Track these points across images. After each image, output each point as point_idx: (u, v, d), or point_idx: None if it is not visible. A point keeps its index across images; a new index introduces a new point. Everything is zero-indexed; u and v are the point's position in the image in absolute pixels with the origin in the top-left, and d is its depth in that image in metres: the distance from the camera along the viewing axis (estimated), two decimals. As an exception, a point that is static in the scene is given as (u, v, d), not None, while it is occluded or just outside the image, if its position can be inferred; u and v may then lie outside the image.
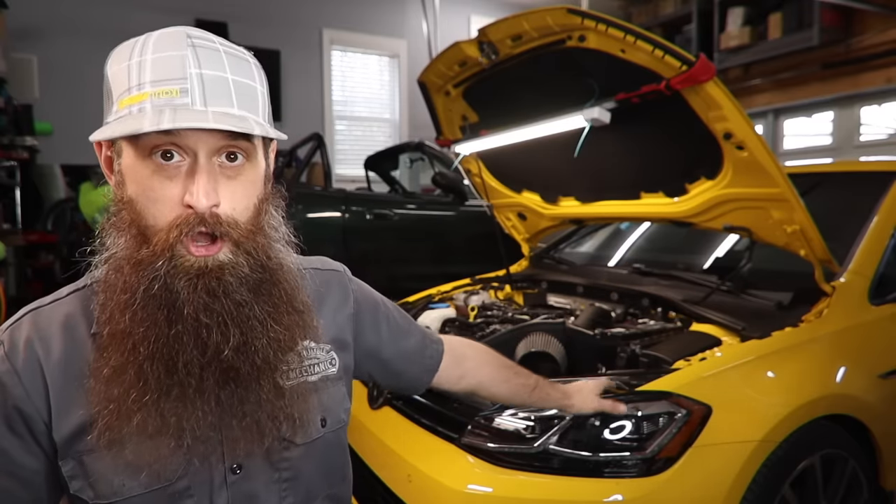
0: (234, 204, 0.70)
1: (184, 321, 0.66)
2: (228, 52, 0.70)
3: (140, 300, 0.66)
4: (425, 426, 1.54)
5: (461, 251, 4.04)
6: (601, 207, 2.27)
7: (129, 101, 0.66)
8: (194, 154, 0.67)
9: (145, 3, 5.16)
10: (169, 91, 0.65)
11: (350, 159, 6.37)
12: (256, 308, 0.70)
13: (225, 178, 0.69)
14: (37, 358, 0.71)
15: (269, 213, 0.76)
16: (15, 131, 4.19)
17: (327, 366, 0.87)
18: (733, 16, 5.10)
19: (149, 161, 0.67)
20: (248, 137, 0.69)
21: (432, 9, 5.87)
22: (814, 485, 1.47)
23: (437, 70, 2.14)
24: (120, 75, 0.68)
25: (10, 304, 3.53)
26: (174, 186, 0.67)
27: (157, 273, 0.66)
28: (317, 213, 3.81)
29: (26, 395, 0.70)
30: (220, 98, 0.67)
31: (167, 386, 0.67)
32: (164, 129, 0.63)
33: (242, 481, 0.77)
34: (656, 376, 1.39)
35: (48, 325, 0.73)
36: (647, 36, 1.53)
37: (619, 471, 1.28)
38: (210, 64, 0.67)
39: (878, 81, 4.43)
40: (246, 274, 0.70)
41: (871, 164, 2.47)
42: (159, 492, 0.72)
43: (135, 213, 0.68)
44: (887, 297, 1.74)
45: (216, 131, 0.66)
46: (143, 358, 0.66)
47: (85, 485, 0.71)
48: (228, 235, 0.68)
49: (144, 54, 0.67)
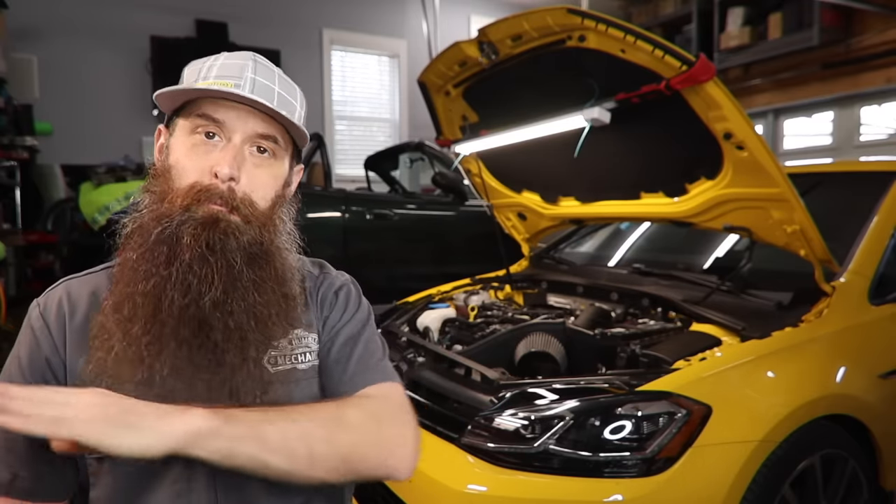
0: (253, 187, 0.80)
1: (178, 264, 0.74)
2: (281, 77, 0.85)
3: (151, 243, 0.75)
4: (425, 426, 1.54)
5: (461, 251, 4.04)
6: (601, 207, 2.27)
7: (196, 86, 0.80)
8: (230, 138, 0.79)
9: (145, 4, 5.15)
10: (226, 83, 0.79)
11: (350, 159, 6.36)
12: (245, 274, 0.77)
13: (251, 164, 0.81)
14: (64, 316, 0.81)
15: (282, 212, 0.85)
16: (15, 131, 4.19)
17: (317, 355, 0.88)
18: (733, 16, 5.09)
19: (193, 136, 0.80)
20: (276, 140, 0.82)
21: (432, 9, 5.87)
22: (814, 485, 1.47)
23: (437, 70, 2.14)
24: (191, 73, 0.83)
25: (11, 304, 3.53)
26: (208, 158, 0.78)
27: (171, 222, 0.75)
28: (317, 213, 3.80)
29: (55, 346, 0.79)
30: (263, 97, 0.79)
31: (150, 322, 0.73)
32: (213, 90, 0.77)
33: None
34: (656, 376, 1.39)
35: (78, 291, 0.83)
36: (647, 36, 1.53)
37: (619, 471, 1.28)
38: (264, 75, 0.82)
39: (878, 81, 4.43)
40: (246, 243, 0.77)
41: (871, 164, 2.47)
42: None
43: (168, 179, 0.79)
44: (887, 297, 1.74)
45: (252, 122, 0.79)
46: (139, 293, 0.74)
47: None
48: (240, 210, 0.78)
49: (216, 61, 0.82)
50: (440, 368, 1.73)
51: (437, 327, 2.16)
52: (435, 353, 1.80)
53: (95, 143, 4.86)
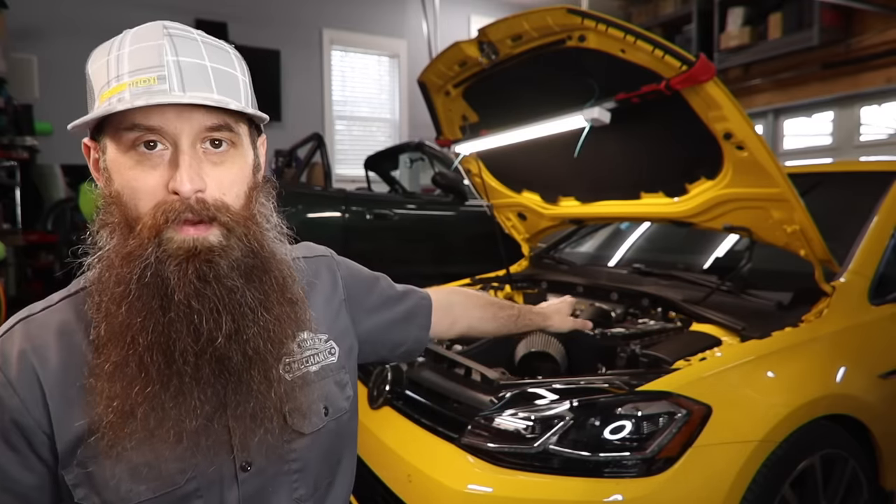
0: (224, 189, 0.70)
1: (176, 308, 0.66)
2: (206, 42, 0.71)
3: (134, 290, 0.66)
4: (425, 426, 1.54)
5: (461, 251, 4.04)
6: (601, 207, 2.27)
7: (108, 94, 0.66)
8: (175, 142, 0.67)
9: (145, 3, 5.15)
10: (147, 79, 0.65)
11: (350, 159, 6.37)
12: (248, 295, 0.70)
13: (210, 164, 0.69)
14: (32, 368, 0.69)
15: (261, 203, 0.76)
16: (15, 131, 4.19)
17: (327, 355, 0.87)
18: (733, 16, 5.10)
19: (132, 153, 0.67)
20: (229, 127, 0.70)
21: (432, 9, 5.88)
22: (814, 485, 1.47)
23: (437, 70, 2.14)
24: (99, 72, 0.68)
25: (11, 303, 3.53)
26: (157, 175, 0.67)
27: (148, 261, 0.66)
28: (317, 213, 3.80)
29: (23, 406, 0.68)
30: (198, 84, 0.67)
31: (166, 376, 0.67)
32: (137, 105, 0.63)
33: (252, 478, 0.76)
34: (656, 376, 1.39)
35: (41, 333, 0.72)
36: (647, 36, 1.53)
37: (619, 471, 1.28)
38: (187, 52, 0.68)
39: (878, 81, 4.43)
40: (237, 258, 0.69)
41: (871, 164, 2.47)
42: (168, 495, 0.71)
43: (121, 207, 0.68)
44: (887, 297, 1.74)
45: (196, 117, 0.67)
46: (142, 349, 0.66)
47: (90, 492, 0.70)
48: (217, 219, 0.68)
49: (122, 48, 0.68)
50: (440, 368, 1.73)
51: (437, 327, 2.16)
52: (435, 353, 1.80)
53: (95, 143, 4.86)
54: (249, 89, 0.74)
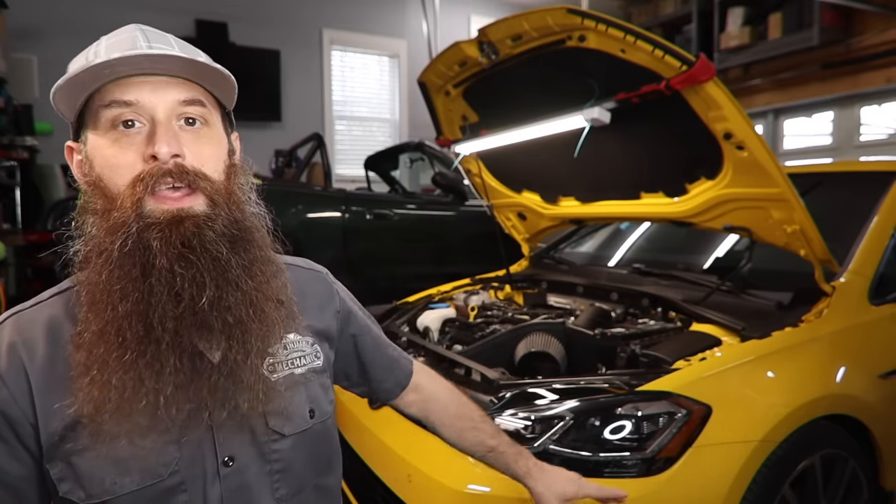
0: (202, 161, 0.72)
1: (157, 273, 0.66)
2: (178, 40, 0.75)
3: (116, 258, 0.67)
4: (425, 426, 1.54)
5: (461, 251, 4.04)
6: (601, 207, 2.27)
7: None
8: (152, 118, 0.70)
9: (145, 4, 5.15)
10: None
11: (350, 159, 6.36)
12: (232, 261, 0.71)
13: (186, 138, 0.72)
14: (20, 361, 0.71)
15: (239, 181, 0.78)
16: (15, 131, 4.18)
17: (313, 358, 0.88)
18: (733, 16, 5.09)
19: (111, 133, 0.70)
20: (202, 102, 0.74)
21: (432, 9, 5.87)
22: (814, 485, 1.47)
23: (437, 70, 2.14)
24: (76, 64, 0.72)
25: (11, 303, 3.53)
26: (135, 149, 0.70)
27: (129, 230, 0.67)
28: (317, 213, 3.80)
29: (11, 398, 0.70)
30: (168, 69, 0.71)
31: (144, 344, 0.67)
32: (113, 57, 0.66)
33: (235, 474, 0.76)
34: (656, 376, 1.39)
35: (30, 327, 0.73)
36: (647, 36, 1.53)
37: (619, 471, 1.28)
38: (158, 41, 0.72)
39: (878, 81, 4.43)
40: (222, 227, 0.71)
41: (871, 164, 2.47)
42: (152, 487, 0.71)
43: (102, 188, 0.70)
44: (887, 297, 1.74)
45: (170, 93, 0.71)
46: (121, 316, 0.67)
47: (75, 486, 0.70)
48: (199, 187, 0.70)
49: (99, 45, 0.73)
50: (440, 368, 1.73)
51: (437, 327, 2.16)
52: (435, 353, 1.80)
53: (95, 143, 4.85)
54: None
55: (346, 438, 1.72)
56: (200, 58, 0.73)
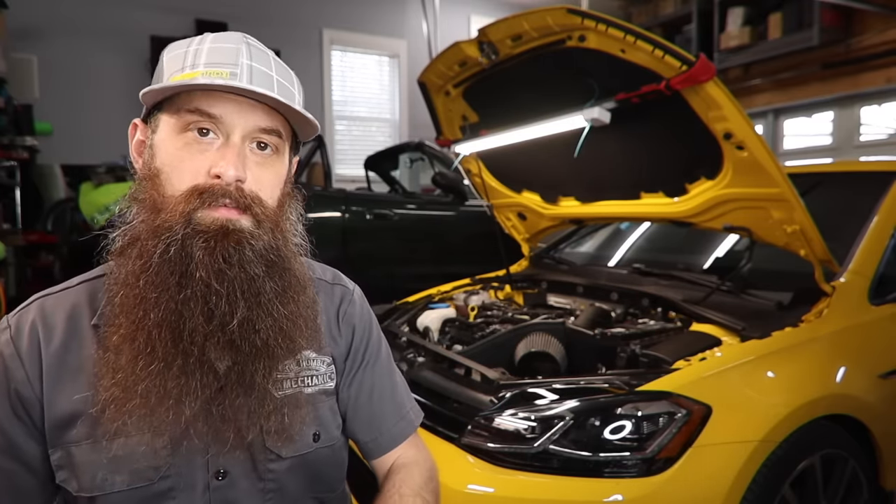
0: (261, 186, 0.73)
1: (194, 285, 0.66)
2: (276, 60, 0.77)
3: (156, 265, 0.67)
4: (425, 426, 1.54)
5: (461, 251, 4.04)
6: (601, 207, 2.27)
7: (181, 77, 0.70)
8: (228, 134, 0.71)
9: (145, 3, 5.15)
10: (220, 72, 0.70)
11: (350, 159, 6.36)
12: (267, 285, 0.70)
13: (253, 162, 0.73)
14: (38, 343, 0.72)
15: (290, 211, 0.80)
16: (15, 131, 4.19)
17: (325, 379, 0.84)
18: (733, 16, 5.10)
19: (185, 134, 0.71)
20: (279, 133, 0.75)
21: (432, 9, 5.87)
22: (814, 485, 1.47)
23: (437, 70, 2.14)
24: (175, 59, 0.72)
25: (11, 303, 3.53)
26: (203, 159, 0.70)
27: (175, 237, 0.67)
28: (317, 213, 3.80)
29: (27, 378, 0.71)
30: (263, 87, 0.71)
31: (172, 355, 0.67)
32: (217, 84, 0.68)
33: (226, 488, 0.75)
34: (656, 376, 1.39)
35: (53, 312, 0.74)
36: (647, 36, 1.53)
37: (619, 471, 1.28)
38: (260, 60, 0.73)
39: (878, 81, 4.43)
40: (263, 248, 0.71)
41: (871, 164, 2.47)
42: (142, 490, 0.71)
43: (158, 183, 0.70)
44: (887, 297, 1.74)
45: (254, 117, 0.72)
46: (152, 324, 0.66)
47: (70, 475, 0.71)
48: (251, 209, 0.71)
49: (202, 44, 0.73)
50: (440, 368, 1.73)
51: (437, 327, 2.16)
52: (435, 353, 1.80)
53: (95, 143, 4.86)
54: (301, 105, 0.78)
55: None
56: (295, 103, 0.74)
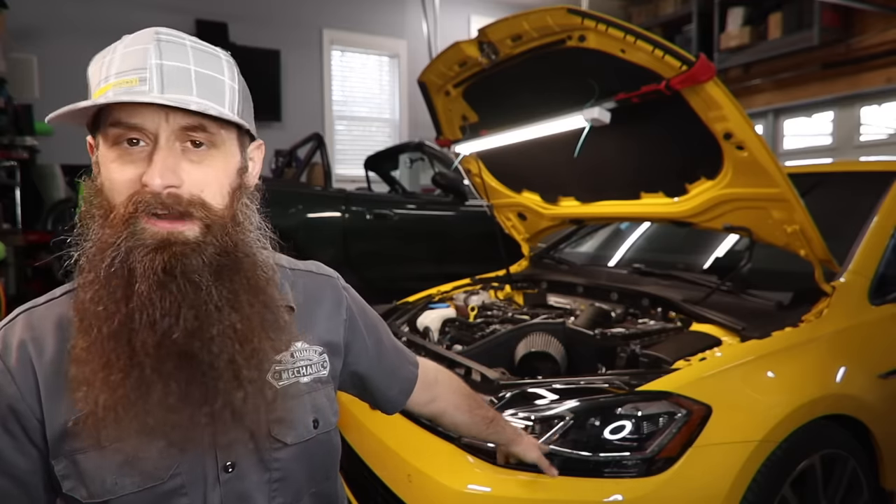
0: (202, 187, 0.71)
1: (137, 298, 0.66)
2: (196, 48, 0.73)
3: (103, 278, 0.67)
4: (425, 426, 1.54)
5: (461, 251, 4.04)
6: (601, 207, 2.27)
7: (97, 94, 0.70)
8: (155, 139, 0.69)
9: (145, 3, 5.16)
10: (129, 80, 0.68)
11: (350, 159, 6.37)
12: (214, 293, 0.69)
13: (189, 161, 0.70)
14: (29, 357, 0.72)
15: (244, 204, 0.76)
16: (15, 131, 4.19)
17: (319, 368, 0.87)
18: (733, 16, 5.10)
19: (115, 148, 0.70)
20: (205, 128, 0.71)
21: (432, 9, 5.87)
22: (814, 485, 1.47)
23: (437, 70, 2.14)
24: (94, 73, 0.72)
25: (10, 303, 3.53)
26: (134, 168, 0.69)
27: (118, 250, 0.67)
28: (317, 213, 3.80)
29: (19, 393, 0.71)
30: (178, 86, 0.69)
31: (128, 367, 0.67)
32: (113, 101, 0.66)
33: (235, 480, 0.77)
34: (656, 376, 1.39)
35: (41, 324, 0.74)
36: (647, 36, 1.53)
37: (619, 471, 1.28)
38: (172, 56, 0.70)
39: (878, 81, 4.43)
40: (210, 255, 0.70)
41: (871, 164, 2.47)
42: (153, 490, 0.72)
43: (102, 198, 0.71)
44: (887, 297, 1.74)
45: (174, 117, 0.69)
46: (104, 337, 0.67)
47: (78, 484, 0.71)
48: (192, 215, 0.69)
49: (115, 52, 0.71)
50: (440, 368, 1.73)
51: (437, 327, 2.16)
52: (435, 353, 1.80)
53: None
54: (237, 95, 0.75)
55: (346, 438, 1.72)
56: (225, 89, 0.73)
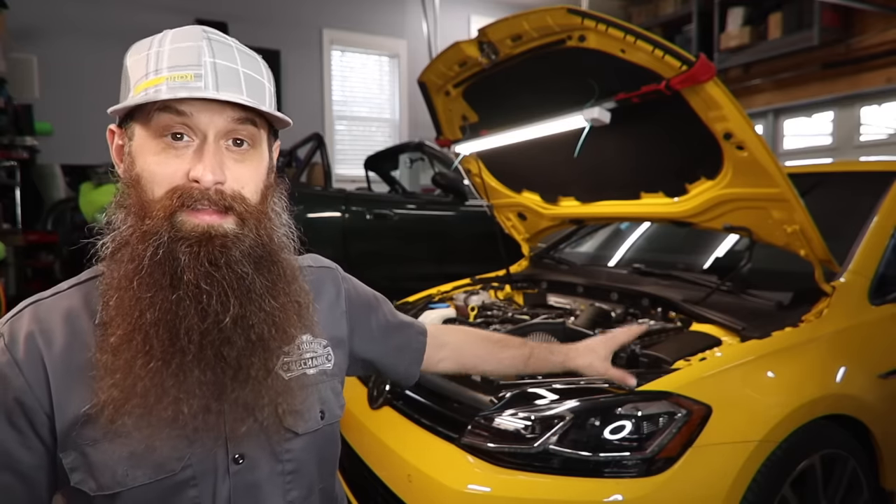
0: (242, 183, 0.74)
1: (184, 286, 0.68)
2: (240, 49, 0.76)
3: (147, 267, 0.68)
4: (425, 426, 1.54)
5: (461, 251, 4.04)
6: (601, 207, 2.27)
7: (146, 85, 0.71)
8: (203, 136, 0.71)
9: (146, 3, 5.15)
10: (184, 76, 0.70)
11: (350, 159, 6.37)
12: (257, 282, 0.72)
13: (231, 160, 0.73)
14: (37, 349, 0.71)
15: (274, 201, 0.80)
16: (15, 131, 4.19)
17: (324, 360, 0.89)
18: (733, 16, 5.10)
19: (160, 140, 0.71)
20: (254, 124, 0.75)
21: (432, 9, 5.87)
22: (814, 485, 1.47)
23: (437, 70, 2.14)
24: (138, 64, 0.72)
25: (11, 303, 3.53)
26: (179, 163, 0.71)
27: (161, 240, 0.68)
28: (317, 213, 3.80)
29: (27, 386, 0.70)
30: (231, 85, 0.72)
31: (169, 353, 0.68)
32: (180, 97, 0.68)
33: (245, 472, 0.77)
34: (656, 376, 1.39)
35: (49, 316, 0.74)
36: (647, 36, 1.53)
37: (619, 471, 1.28)
38: (223, 55, 0.73)
39: (878, 81, 4.43)
40: (248, 247, 0.73)
41: (871, 164, 2.47)
42: (164, 481, 0.72)
43: (139, 189, 0.71)
44: (887, 297, 1.74)
45: (225, 113, 0.72)
46: (148, 324, 0.68)
47: (87, 476, 0.71)
48: (233, 209, 0.72)
49: (163, 45, 0.72)
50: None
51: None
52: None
53: (95, 143, 4.81)
54: (273, 96, 0.79)
55: (346, 438, 1.72)
56: (265, 93, 0.76)
